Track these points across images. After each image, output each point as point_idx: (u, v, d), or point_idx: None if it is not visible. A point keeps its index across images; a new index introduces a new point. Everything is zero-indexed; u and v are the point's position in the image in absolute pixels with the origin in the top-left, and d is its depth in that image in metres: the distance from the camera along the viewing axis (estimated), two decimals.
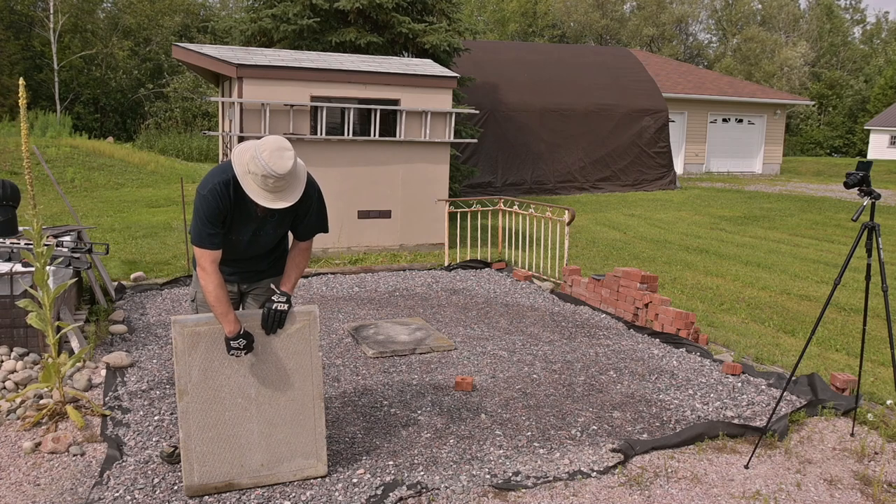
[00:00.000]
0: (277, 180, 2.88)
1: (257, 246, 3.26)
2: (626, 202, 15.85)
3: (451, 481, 3.33)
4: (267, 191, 2.91)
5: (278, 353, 3.23)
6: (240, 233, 3.16)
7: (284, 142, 2.93)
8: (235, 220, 3.11)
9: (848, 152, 41.90)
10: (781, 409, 4.25)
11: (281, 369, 3.24)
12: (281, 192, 2.93)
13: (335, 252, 8.73)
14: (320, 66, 8.40)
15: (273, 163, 2.85)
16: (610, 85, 18.81)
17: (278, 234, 3.29)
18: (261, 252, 3.32)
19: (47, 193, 13.12)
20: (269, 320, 3.15)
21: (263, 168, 2.85)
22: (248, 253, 3.27)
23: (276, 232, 3.25)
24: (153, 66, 32.07)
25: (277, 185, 2.90)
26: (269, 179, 2.87)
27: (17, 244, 4.95)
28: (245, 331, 3.13)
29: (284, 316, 3.17)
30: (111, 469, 3.36)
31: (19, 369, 4.42)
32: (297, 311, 3.25)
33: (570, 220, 7.46)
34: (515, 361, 5.03)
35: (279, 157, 2.86)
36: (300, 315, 3.25)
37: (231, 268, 3.30)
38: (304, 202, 3.15)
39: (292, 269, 3.26)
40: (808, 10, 51.37)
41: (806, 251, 10.38)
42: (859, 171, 3.61)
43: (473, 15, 43.33)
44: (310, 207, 3.20)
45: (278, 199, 2.93)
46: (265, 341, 3.20)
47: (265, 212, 3.08)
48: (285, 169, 2.87)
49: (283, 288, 3.21)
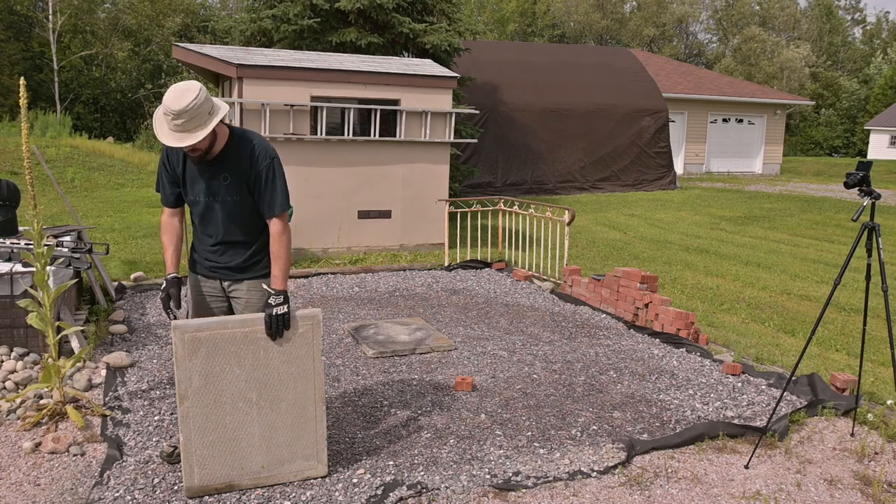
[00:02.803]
0: (175, 117, 2.92)
1: (219, 216, 3.22)
2: (626, 202, 15.85)
3: (451, 481, 3.33)
4: (170, 130, 2.98)
5: (280, 357, 3.21)
6: (194, 192, 3.22)
7: (193, 84, 2.99)
8: (188, 177, 3.22)
9: (848, 152, 41.90)
10: (781, 409, 4.25)
11: (282, 374, 3.22)
12: (185, 131, 2.96)
13: (335, 252, 8.73)
14: (320, 66, 8.40)
15: (170, 100, 2.92)
16: (610, 85, 18.81)
17: (237, 206, 3.21)
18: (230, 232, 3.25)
19: (47, 193, 13.12)
20: (271, 327, 3.13)
21: (164, 106, 2.94)
22: (215, 225, 3.24)
23: (231, 199, 3.19)
24: (153, 66, 32.06)
25: (177, 124, 2.94)
26: (169, 117, 2.94)
27: (17, 244, 4.95)
28: (175, 278, 3.24)
29: (287, 318, 3.15)
30: (111, 469, 3.36)
31: (19, 369, 4.42)
32: (300, 315, 3.21)
33: (570, 220, 7.46)
34: (515, 361, 5.03)
35: (179, 95, 2.93)
36: (303, 319, 3.22)
37: (207, 250, 3.31)
38: (244, 161, 3.14)
39: (274, 261, 3.20)
40: (808, 10, 51.38)
41: (806, 251, 10.38)
42: (859, 171, 3.61)
43: (473, 15, 43.32)
44: (255, 171, 3.15)
45: (180, 139, 2.95)
46: (267, 346, 3.18)
47: (195, 160, 3.11)
48: (180, 106, 2.89)
49: (273, 286, 3.18)
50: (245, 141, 3.19)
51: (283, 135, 8.17)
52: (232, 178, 3.18)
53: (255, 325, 3.17)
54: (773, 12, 48.41)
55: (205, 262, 3.34)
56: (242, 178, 3.17)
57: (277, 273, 3.18)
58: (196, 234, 3.39)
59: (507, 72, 17.69)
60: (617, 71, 19.44)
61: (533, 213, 7.93)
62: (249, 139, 3.20)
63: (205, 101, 2.96)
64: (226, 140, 3.16)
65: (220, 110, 3.03)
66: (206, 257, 3.34)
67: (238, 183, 3.18)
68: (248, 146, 3.17)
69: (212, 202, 3.22)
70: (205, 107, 2.98)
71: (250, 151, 3.17)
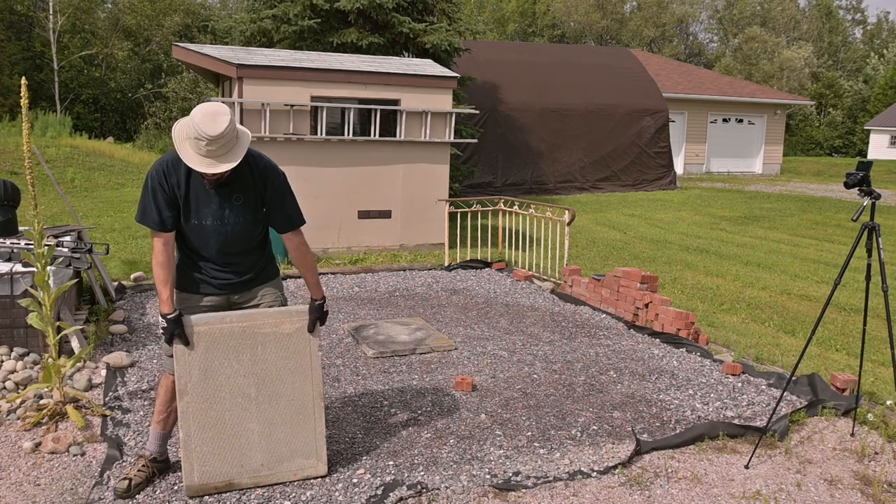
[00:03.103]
0: (210, 143, 2.84)
1: (229, 237, 3.14)
2: (626, 202, 15.85)
3: (451, 481, 3.33)
4: (201, 155, 2.88)
5: (278, 353, 3.23)
6: (201, 216, 3.07)
7: (222, 107, 2.90)
8: (192, 199, 3.06)
9: (848, 152, 41.89)
10: (781, 409, 4.25)
11: (280, 369, 3.23)
12: (216, 157, 2.89)
13: (335, 252, 8.73)
14: (320, 67, 8.40)
15: (204, 125, 2.83)
16: (610, 85, 18.81)
17: (248, 225, 3.15)
18: (237, 248, 3.19)
19: (47, 193, 13.12)
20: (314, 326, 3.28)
21: (195, 131, 2.83)
22: (222, 246, 3.15)
23: (244, 219, 3.13)
24: (153, 66, 32.07)
25: (210, 150, 2.86)
26: (202, 142, 2.84)
27: (17, 244, 4.95)
28: (178, 317, 3.03)
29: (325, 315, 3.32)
30: (111, 469, 3.36)
31: (19, 369, 4.42)
32: (297, 310, 3.25)
33: (570, 220, 7.46)
34: (515, 361, 5.03)
35: (211, 119, 2.84)
36: (301, 314, 3.25)
37: (214, 268, 3.20)
38: (258, 180, 3.11)
39: (303, 272, 3.29)
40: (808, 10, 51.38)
41: (806, 251, 10.38)
42: (859, 171, 3.61)
43: (473, 15, 43.32)
44: (272, 190, 3.14)
45: (214, 164, 2.87)
46: (265, 341, 3.20)
47: (213, 183, 3.01)
48: (216, 131, 2.82)
49: (315, 295, 3.27)
50: (254, 160, 3.14)
51: (284, 135, 8.17)
52: (245, 197, 3.12)
53: (253, 320, 3.18)
54: (774, 13, 48.41)
55: (212, 280, 3.22)
56: (256, 197, 3.14)
57: (314, 280, 3.29)
58: (188, 256, 3.22)
59: (507, 72, 17.69)
60: (617, 71, 19.44)
61: (533, 213, 7.94)
62: (258, 158, 3.16)
63: (234, 124, 2.93)
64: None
65: (243, 133, 3.01)
66: (212, 276, 3.22)
67: (251, 202, 3.14)
68: (257, 165, 3.14)
69: (220, 224, 3.11)
70: (242, 130, 2.99)
71: (262, 170, 3.13)
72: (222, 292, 3.26)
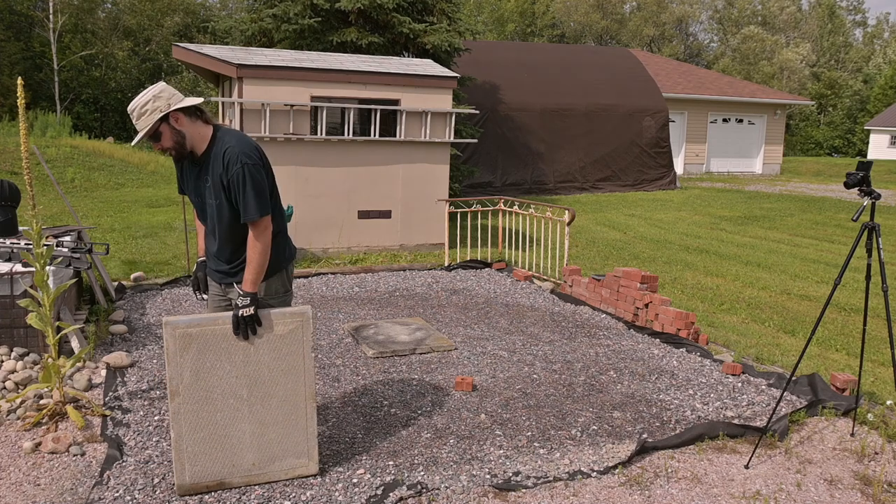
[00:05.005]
0: (132, 117, 3.05)
1: (211, 219, 3.23)
2: (626, 202, 15.85)
3: (451, 481, 3.33)
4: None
5: (270, 354, 3.22)
6: (189, 191, 3.31)
7: (154, 87, 3.08)
8: (184, 174, 3.30)
9: (848, 152, 41.90)
10: (781, 409, 4.25)
11: (273, 370, 3.23)
12: (139, 128, 3.07)
13: (335, 252, 8.73)
14: (320, 67, 8.40)
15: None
16: (610, 85, 18.81)
17: (218, 209, 3.16)
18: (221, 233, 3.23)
19: (47, 193, 13.12)
20: (238, 328, 3.12)
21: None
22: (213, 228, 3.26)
23: (213, 201, 3.15)
24: (153, 66, 32.07)
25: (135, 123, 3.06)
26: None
27: (17, 244, 4.95)
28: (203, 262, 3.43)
29: (253, 319, 3.11)
30: (111, 469, 3.36)
31: (19, 369, 4.42)
32: (289, 312, 3.22)
33: (570, 220, 7.46)
34: (515, 361, 5.03)
35: (137, 96, 3.05)
36: (293, 316, 3.23)
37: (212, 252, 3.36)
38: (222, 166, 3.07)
39: (247, 264, 3.15)
40: (810, 11, 51.37)
41: (806, 251, 10.38)
42: (859, 171, 3.61)
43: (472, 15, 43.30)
44: (229, 176, 3.07)
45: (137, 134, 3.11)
46: (257, 342, 3.18)
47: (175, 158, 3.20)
48: (130, 108, 3.05)
49: (243, 287, 3.13)
50: (222, 144, 3.09)
51: (284, 135, 8.17)
52: (211, 181, 3.13)
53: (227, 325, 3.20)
54: (773, 12, 48.41)
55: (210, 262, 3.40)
56: (219, 182, 3.11)
57: (248, 276, 3.12)
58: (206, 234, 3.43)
59: (507, 72, 17.69)
60: (617, 71, 19.44)
61: (533, 213, 7.93)
62: (227, 142, 3.09)
63: (152, 100, 3.00)
64: (207, 141, 3.12)
65: (159, 108, 3.00)
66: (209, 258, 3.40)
67: (216, 186, 3.12)
68: (223, 149, 3.08)
69: (200, 201, 3.26)
70: (155, 104, 3.02)
71: (225, 155, 3.07)
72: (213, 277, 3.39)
